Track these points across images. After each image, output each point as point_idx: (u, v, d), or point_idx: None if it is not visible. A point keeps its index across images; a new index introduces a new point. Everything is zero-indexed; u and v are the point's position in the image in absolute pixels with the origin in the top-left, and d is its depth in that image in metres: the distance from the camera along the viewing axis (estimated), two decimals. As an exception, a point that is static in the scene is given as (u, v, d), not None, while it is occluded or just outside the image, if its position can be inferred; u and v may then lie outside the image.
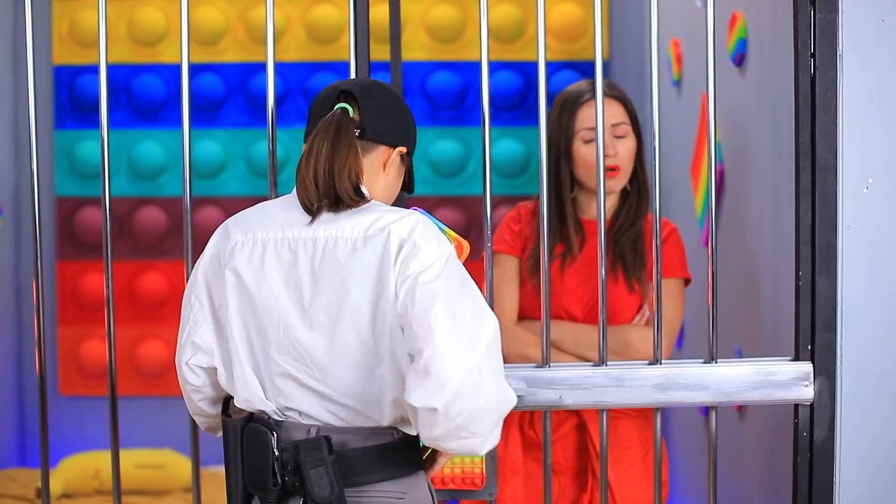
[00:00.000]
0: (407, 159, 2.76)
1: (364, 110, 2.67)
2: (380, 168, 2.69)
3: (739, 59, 3.97)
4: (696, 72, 4.70)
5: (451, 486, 3.08)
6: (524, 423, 3.48)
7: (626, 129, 3.49)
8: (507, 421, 3.42)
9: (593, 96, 3.29)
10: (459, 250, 2.72)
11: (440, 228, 2.70)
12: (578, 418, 3.46)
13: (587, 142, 3.45)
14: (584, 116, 3.46)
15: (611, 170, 3.41)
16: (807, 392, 3.11)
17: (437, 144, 6.40)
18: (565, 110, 3.48)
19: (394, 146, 2.70)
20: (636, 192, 3.53)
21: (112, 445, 3.24)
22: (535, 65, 3.13)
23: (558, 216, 3.49)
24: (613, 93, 3.49)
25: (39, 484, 5.38)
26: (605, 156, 3.33)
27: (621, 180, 3.48)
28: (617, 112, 3.47)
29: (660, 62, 3.12)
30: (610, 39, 6.31)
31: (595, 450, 3.42)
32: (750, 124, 3.92)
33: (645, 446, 3.49)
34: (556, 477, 3.48)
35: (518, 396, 3.07)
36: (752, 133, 3.91)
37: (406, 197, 2.92)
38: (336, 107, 2.66)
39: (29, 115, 3.19)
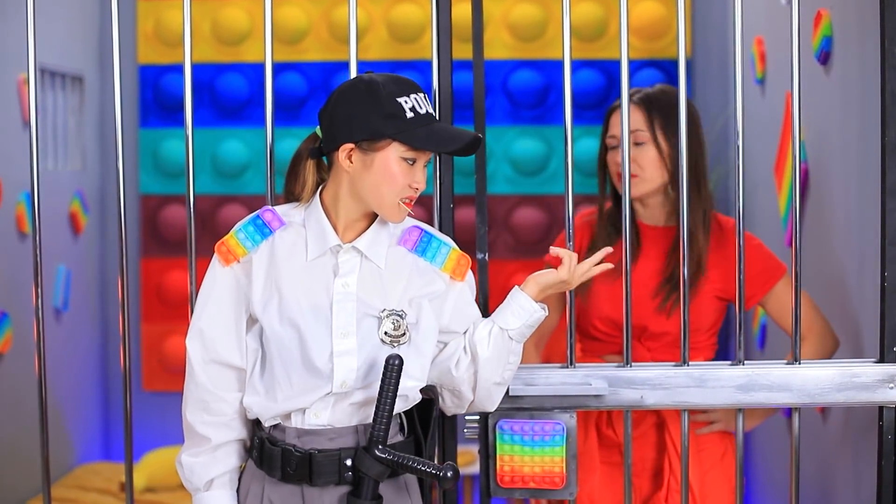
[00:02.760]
0: (370, 144, 2.69)
1: (322, 127, 2.80)
2: (342, 172, 2.74)
3: (824, 57, 3.93)
4: (780, 70, 4.66)
5: (532, 486, 3.08)
6: (601, 422, 3.46)
7: (644, 136, 3.40)
8: (586, 419, 3.41)
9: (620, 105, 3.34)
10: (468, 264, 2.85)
11: (439, 242, 2.82)
12: (658, 416, 3.44)
13: (610, 148, 3.45)
14: (610, 123, 3.46)
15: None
16: (892, 394, 3.08)
17: (519, 143, 6.40)
18: (603, 120, 3.50)
19: (337, 148, 2.73)
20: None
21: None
22: (617, 63, 3.14)
23: (614, 224, 3.47)
24: (636, 99, 3.43)
25: (123, 478, 5.44)
26: (617, 163, 3.34)
27: (640, 186, 3.41)
28: (636, 119, 3.40)
29: (743, 60, 3.10)
30: (693, 38, 6.27)
31: (675, 448, 3.40)
32: (835, 123, 3.88)
33: (723, 444, 3.47)
34: (632, 478, 3.45)
35: (599, 396, 3.09)
36: (837, 132, 3.87)
37: (489, 195, 2.93)
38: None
39: (115, 113, 3.23)
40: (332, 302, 2.72)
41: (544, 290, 2.85)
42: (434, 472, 2.65)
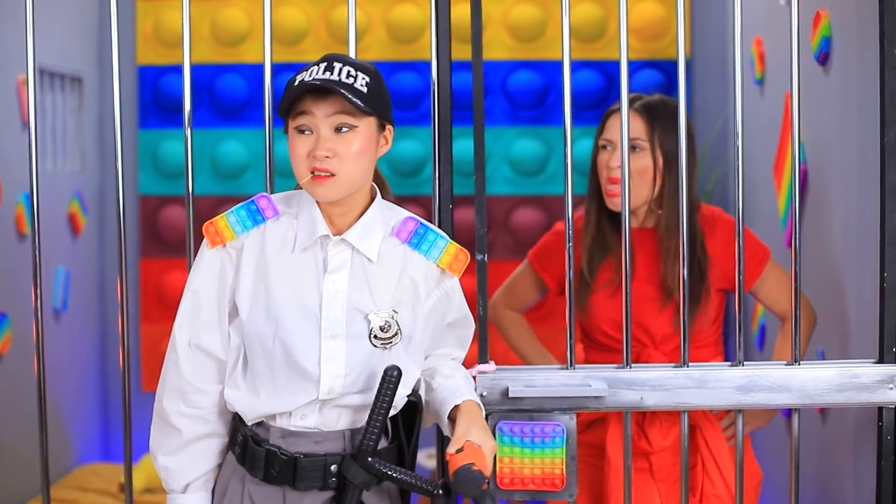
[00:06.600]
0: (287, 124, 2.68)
1: None
2: None
3: (824, 57, 3.93)
4: (779, 71, 4.66)
5: (531, 487, 3.07)
6: (633, 433, 3.41)
7: (642, 143, 3.36)
8: (621, 429, 3.37)
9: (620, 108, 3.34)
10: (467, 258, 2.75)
11: (436, 235, 2.73)
12: (688, 420, 3.40)
13: (602, 149, 3.42)
14: (607, 126, 3.43)
15: (613, 183, 3.35)
16: (891, 395, 3.08)
17: (518, 143, 6.40)
18: (600, 122, 3.48)
19: None
20: (673, 211, 3.37)
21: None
22: (616, 64, 3.14)
23: (600, 238, 3.47)
24: (637, 106, 3.39)
25: (122, 478, 5.45)
26: (610, 167, 3.34)
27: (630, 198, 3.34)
28: (636, 126, 3.36)
29: (743, 61, 3.10)
30: (692, 38, 6.27)
31: (710, 451, 3.39)
32: (834, 124, 3.88)
33: (745, 443, 3.45)
34: (657, 485, 3.43)
35: (599, 397, 3.08)
36: (836, 133, 3.87)
37: (488, 196, 2.92)
38: None
39: (114, 114, 3.22)
40: (321, 301, 2.64)
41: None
42: (428, 488, 2.60)
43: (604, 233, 3.46)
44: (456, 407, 2.69)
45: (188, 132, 3.19)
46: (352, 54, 3.15)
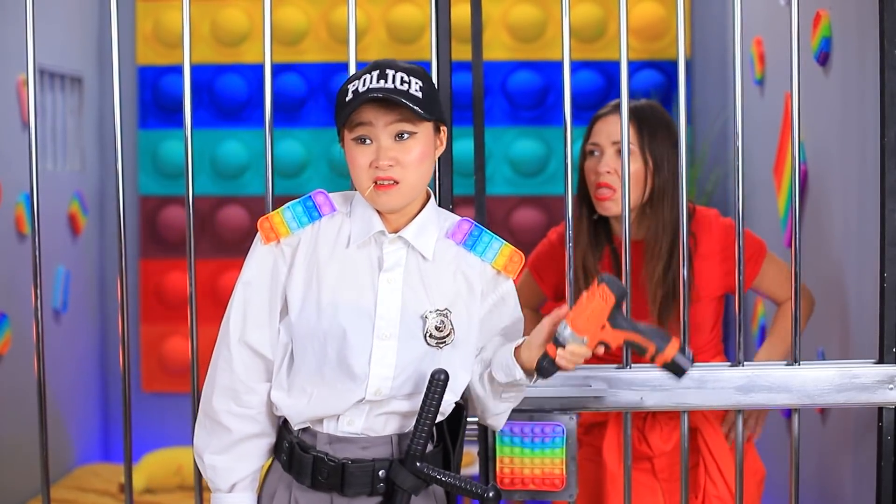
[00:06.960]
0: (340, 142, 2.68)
1: None
2: None
3: (824, 57, 3.93)
4: (779, 71, 4.66)
5: (531, 487, 3.07)
6: (635, 439, 3.39)
7: (631, 147, 3.29)
8: (620, 440, 3.35)
9: (613, 112, 3.34)
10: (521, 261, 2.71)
11: (490, 237, 2.69)
12: (690, 421, 3.38)
13: (589, 155, 3.40)
14: (594, 131, 3.40)
15: (603, 187, 3.32)
16: (891, 395, 3.08)
17: (518, 144, 6.40)
18: (587, 126, 3.44)
19: None
20: (660, 216, 3.33)
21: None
22: (616, 64, 3.14)
23: (595, 240, 3.44)
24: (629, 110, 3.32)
25: (122, 479, 5.45)
26: (598, 172, 3.32)
27: (619, 203, 3.29)
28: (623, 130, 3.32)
29: (743, 61, 3.10)
30: (692, 38, 6.27)
31: (710, 452, 3.38)
32: (834, 124, 3.88)
33: (747, 444, 3.44)
34: (660, 484, 3.43)
35: (599, 397, 3.08)
36: (836, 133, 3.87)
37: (488, 196, 2.92)
38: None
39: (114, 115, 3.22)
40: (376, 300, 2.60)
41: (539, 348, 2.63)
42: (478, 491, 2.57)
43: (590, 251, 3.43)
44: (519, 346, 2.64)
45: (188, 132, 3.18)
46: (352, 54, 3.15)
